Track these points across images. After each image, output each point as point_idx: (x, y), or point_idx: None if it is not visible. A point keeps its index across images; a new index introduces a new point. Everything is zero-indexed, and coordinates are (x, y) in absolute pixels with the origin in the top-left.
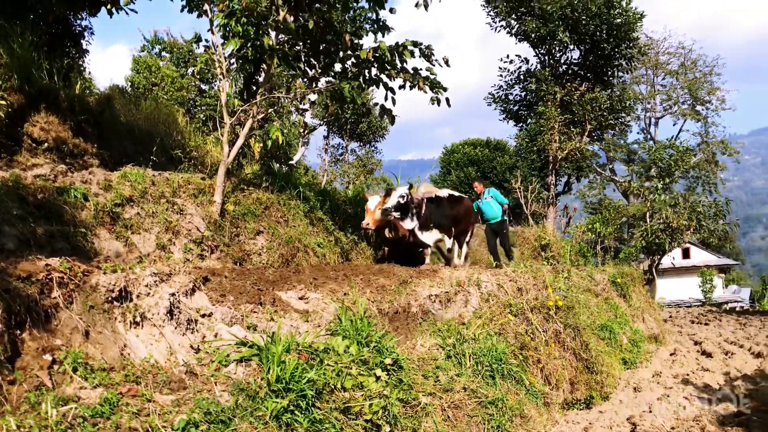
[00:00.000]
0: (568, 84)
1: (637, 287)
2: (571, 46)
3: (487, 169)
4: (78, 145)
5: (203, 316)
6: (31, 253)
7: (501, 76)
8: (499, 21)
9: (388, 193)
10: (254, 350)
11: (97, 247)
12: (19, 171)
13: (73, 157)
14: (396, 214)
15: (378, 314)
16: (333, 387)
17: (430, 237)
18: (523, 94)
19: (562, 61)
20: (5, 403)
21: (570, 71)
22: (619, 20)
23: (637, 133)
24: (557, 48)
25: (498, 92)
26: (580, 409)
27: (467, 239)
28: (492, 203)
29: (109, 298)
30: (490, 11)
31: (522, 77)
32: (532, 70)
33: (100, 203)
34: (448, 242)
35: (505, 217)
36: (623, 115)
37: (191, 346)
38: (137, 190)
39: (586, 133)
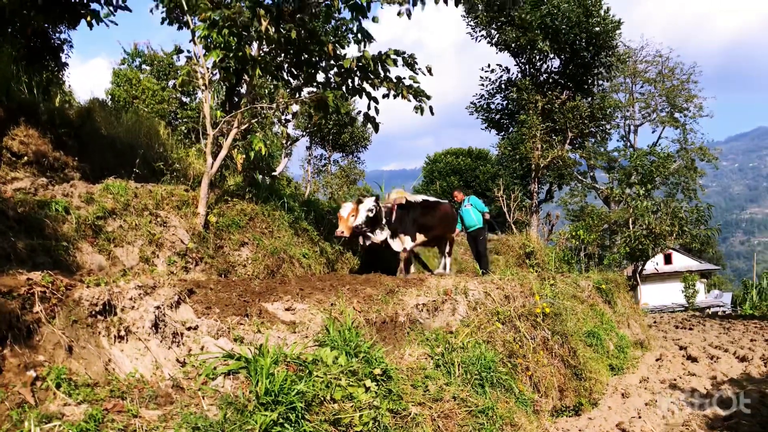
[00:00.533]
0: (549, 92)
1: (622, 293)
2: (552, 55)
3: (470, 178)
4: (58, 158)
5: (189, 329)
6: (12, 268)
7: (482, 85)
8: (480, 31)
9: (360, 201)
10: (242, 363)
11: (79, 261)
12: None
13: (54, 170)
14: (366, 229)
15: (366, 324)
16: (322, 399)
17: (398, 244)
18: (504, 103)
19: (543, 69)
20: None
21: (551, 80)
22: (597, 28)
23: (617, 140)
24: (538, 57)
25: (479, 101)
26: (570, 416)
27: (448, 247)
28: (471, 211)
29: (93, 312)
30: (470, 21)
31: (503, 86)
32: (513, 79)
33: (81, 216)
34: (408, 243)
35: (484, 225)
36: (603, 122)
37: (177, 360)
38: (120, 202)
39: (568, 141)
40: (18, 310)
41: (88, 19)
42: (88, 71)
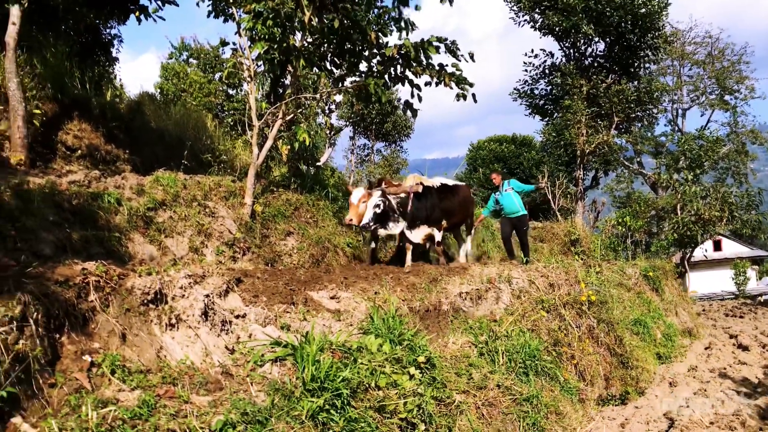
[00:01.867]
0: (594, 77)
1: (670, 281)
2: (596, 39)
3: (514, 165)
4: (110, 151)
5: (237, 317)
6: (68, 258)
7: (526, 71)
8: (523, 15)
9: (371, 186)
10: (288, 350)
11: (131, 251)
12: (55, 178)
13: (106, 163)
14: (376, 226)
15: (409, 312)
16: (367, 386)
17: (418, 234)
18: (548, 88)
19: (588, 53)
20: (47, 406)
21: (595, 64)
22: (643, 10)
23: (665, 125)
24: (582, 41)
25: (523, 87)
26: (616, 405)
27: (471, 233)
28: (513, 195)
29: (145, 301)
30: (513, 6)
31: (547, 71)
32: (557, 63)
33: (133, 208)
34: (438, 236)
35: (526, 212)
36: (650, 106)
37: (226, 347)
38: (169, 194)
39: (614, 126)
40: (74, 299)
41: (137, 14)
42: (139, 66)
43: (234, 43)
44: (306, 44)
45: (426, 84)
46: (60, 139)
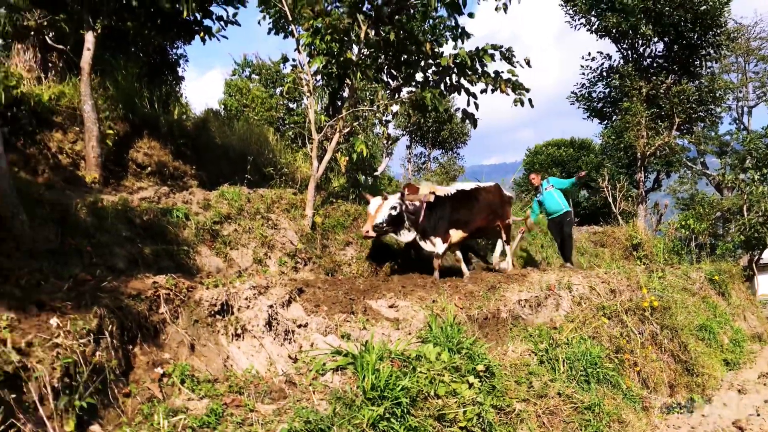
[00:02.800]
0: (654, 78)
1: (737, 284)
2: (655, 39)
3: (573, 168)
4: (178, 167)
5: (299, 326)
6: (140, 272)
7: (583, 74)
8: (579, 18)
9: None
10: (349, 359)
11: (198, 264)
12: (127, 195)
13: (174, 179)
14: (389, 229)
15: (467, 320)
16: (426, 394)
17: (431, 246)
18: (606, 90)
19: (646, 54)
20: (122, 414)
21: (655, 64)
22: (704, 7)
23: (729, 123)
24: (640, 41)
25: (580, 90)
26: (681, 413)
27: (503, 238)
28: (555, 194)
29: (212, 312)
30: (568, 9)
31: (605, 74)
32: (614, 65)
33: (200, 222)
34: (440, 247)
35: (570, 208)
36: (713, 106)
37: (289, 356)
38: (234, 207)
39: (675, 127)
40: (146, 311)
41: (201, 35)
42: (205, 83)
43: (293, 59)
44: (363, 57)
45: (482, 92)
46: (131, 157)
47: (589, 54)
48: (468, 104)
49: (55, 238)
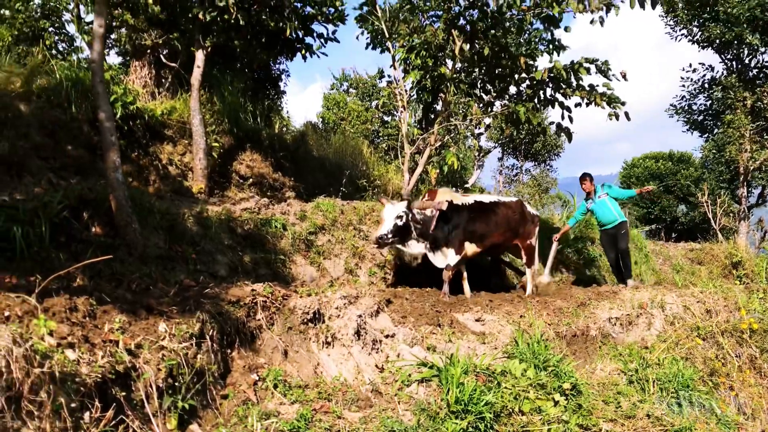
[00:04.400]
0: (759, 89)
1: None
2: (762, 49)
3: (671, 182)
4: (277, 179)
5: (386, 336)
6: (239, 279)
7: (683, 86)
8: (680, 29)
9: (409, 202)
10: (434, 371)
11: (293, 272)
12: (230, 206)
13: (273, 190)
14: (395, 239)
15: (555, 337)
16: (511, 410)
17: (441, 258)
18: (708, 103)
19: (752, 65)
20: (219, 416)
21: (761, 75)
22: None
23: None
24: (746, 52)
25: (680, 103)
26: None
27: (525, 258)
28: (608, 202)
29: (305, 320)
30: (669, 20)
31: (706, 85)
32: (717, 77)
33: (296, 232)
34: (451, 258)
35: (625, 218)
36: None
37: (376, 366)
38: (328, 219)
39: None
40: (244, 317)
41: (303, 52)
42: (307, 97)
43: (389, 75)
44: (457, 72)
45: (576, 105)
46: (234, 169)
47: (690, 65)
48: (562, 118)
49: (164, 245)
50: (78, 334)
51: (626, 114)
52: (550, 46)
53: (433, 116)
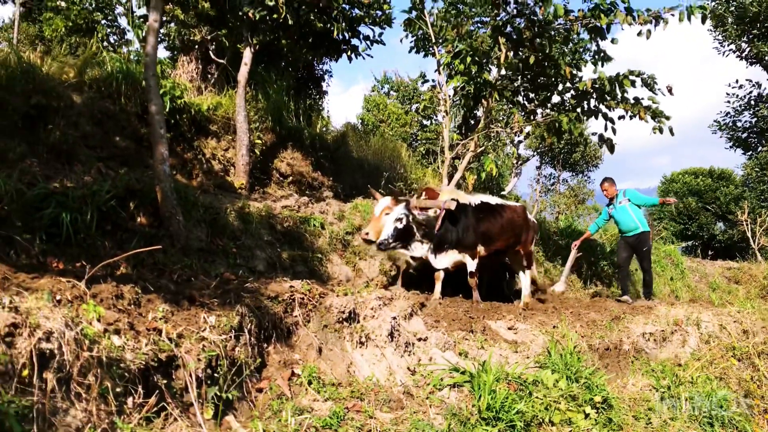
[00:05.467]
0: None
1: None
2: None
3: (710, 199)
4: (316, 178)
5: (419, 339)
6: (277, 275)
7: (728, 102)
8: (728, 45)
9: (397, 198)
10: (466, 377)
11: (330, 271)
12: (270, 202)
13: (312, 189)
14: (396, 244)
15: (588, 349)
16: (541, 420)
17: (445, 260)
18: (753, 120)
19: None
20: (253, 408)
21: None
22: None
23: None
24: None
25: (724, 119)
26: None
27: (524, 265)
28: (629, 208)
29: (340, 319)
30: (718, 35)
31: (752, 102)
32: (764, 94)
33: (334, 231)
34: (471, 264)
35: (648, 228)
36: None
37: (408, 368)
38: (366, 219)
39: None
40: (281, 313)
41: (349, 53)
42: (349, 98)
43: (432, 80)
44: (500, 79)
45: (620, 117)
46: (275, 167)
47: (737, 81)
48: (605, 129)
49: (206, 238)
50: (124, 321)
51: (670, 129)
52: (596, 57)
53: (473, 122)
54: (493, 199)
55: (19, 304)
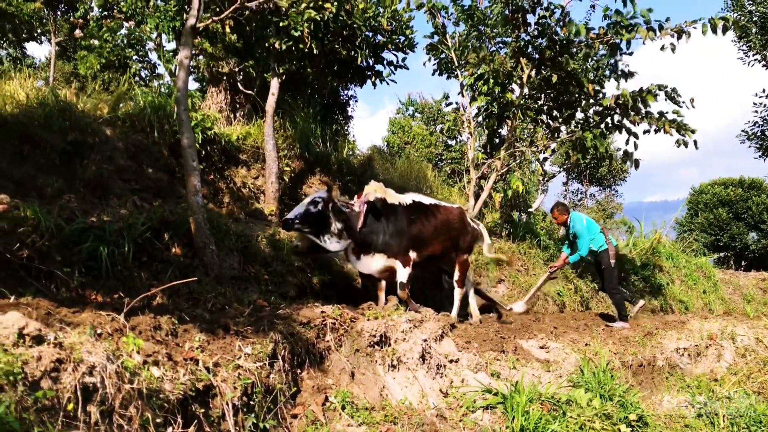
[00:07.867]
0: None
1: None
2: None
3: (741, 209)
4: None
5: (451, 361)
6: (308, 301)
7: (756, 111)
8: (753, 55)
9: (329, 189)
10: (499, 398)
11: (359, 295)
12: None
13: None
14: (304, 228)
15: (621, 366)
16: None
17: (370, 264)
18: None
19: None
20: None
21: None
22: None
23: None
24: None
25: (752, 129)
26: None
27: (457, 275)
28: (578, 231)
29: (372, 343)
30: (742, 45)
31: None
32: None
33: None
34: (402, 273)
35: (606, 246)
36: None
37: (440, 390)
38: None
39: None
40: (314, 338)
41: (373, 79)
42: (375, 121)
43: (456, 102)
44: (523, 98)
45: (644, 132)
46: (303, 192)
47: (764, 91)
48: (627, 143)
49: (238, 265)
50: (162, 352)
51: (695, 142)
52: (618, 73)
53: (498, 141)
54: (427, 199)
55: (63, 339)
